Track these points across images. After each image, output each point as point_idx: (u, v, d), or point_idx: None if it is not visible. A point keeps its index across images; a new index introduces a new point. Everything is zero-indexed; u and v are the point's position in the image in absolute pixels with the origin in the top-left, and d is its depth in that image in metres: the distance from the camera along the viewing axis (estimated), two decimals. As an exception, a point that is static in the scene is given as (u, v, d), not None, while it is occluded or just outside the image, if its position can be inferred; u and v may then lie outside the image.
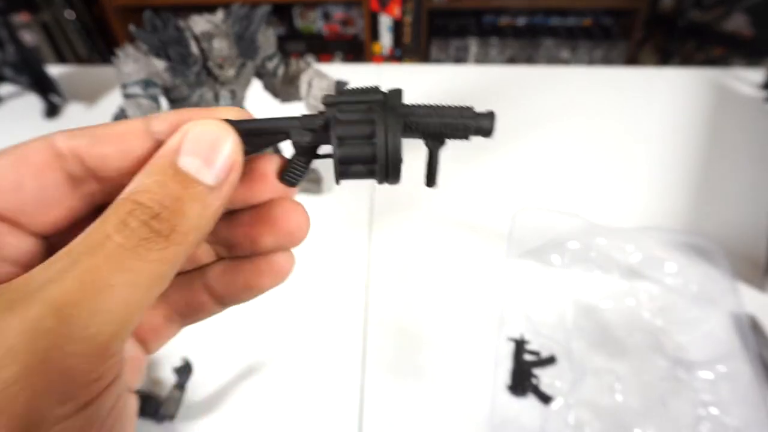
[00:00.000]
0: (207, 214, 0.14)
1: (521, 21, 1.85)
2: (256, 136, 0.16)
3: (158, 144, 0.15)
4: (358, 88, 0.16)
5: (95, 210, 0.15)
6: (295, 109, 0.53)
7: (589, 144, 0.72)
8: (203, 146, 0.14)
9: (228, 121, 0.15)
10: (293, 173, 0.16)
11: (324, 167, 0.66)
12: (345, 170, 0.16)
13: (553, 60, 1.83)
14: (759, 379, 0.44)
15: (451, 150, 0.18)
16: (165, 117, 0.15)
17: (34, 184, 0.14)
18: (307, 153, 0.16)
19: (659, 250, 0.52)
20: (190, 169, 0.14)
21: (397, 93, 0.17)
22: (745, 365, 0.44)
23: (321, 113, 0.16)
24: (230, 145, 0.14)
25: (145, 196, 0.13)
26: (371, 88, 0.17)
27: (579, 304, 0.50)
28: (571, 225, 0.52)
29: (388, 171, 0.16)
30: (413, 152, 0.23)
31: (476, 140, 0.18)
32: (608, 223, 0.53)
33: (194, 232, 0.14)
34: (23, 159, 0.14)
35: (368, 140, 0.16)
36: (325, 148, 0.16)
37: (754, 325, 0.48)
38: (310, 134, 0.16)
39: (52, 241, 0.15)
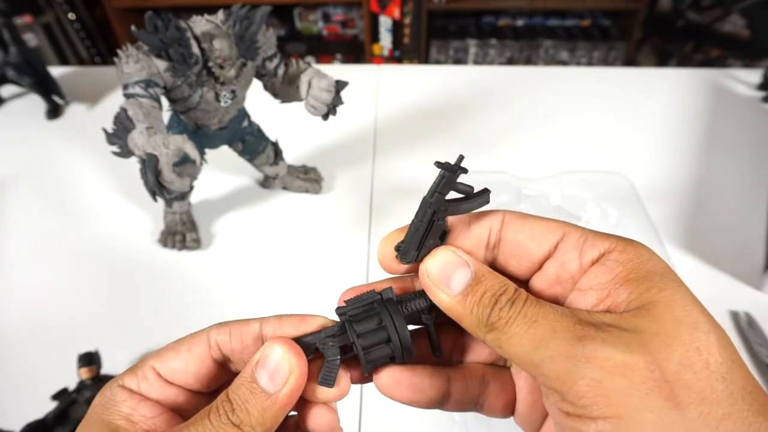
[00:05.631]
0: (267, 415, 0.19)
1: (520, 22, 1.86)
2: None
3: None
4: (357, 297, 0.21)
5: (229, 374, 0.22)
6: (295, 109, 0.54)
7: (589, 144, 0.72)
8: (270, 365, 0.19)
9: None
10: (328, 376, 0.20)
11: (324, 167, 0.66)
12: (371, 358, 0.20)
13: (552, 61, 1.83)
14: (758, 376, 0.45)
15: (454, 157, 0.20)
16: (275, 322, 0.21)
17: (194, 367, 0.21)
18: (335, 355, 0.21)
19: (578, 190, 0.58)
20: (260, 379, 0.19)
21: (389, 290, 0.21)
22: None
23: (336, 322, 0.21)
24: (286, 368, 0.19)
25: (233, 393, 0.19)
26: (368, 293, 0.21)
27: None
28: (499, 181, 0.59)
29: (402, 343, 0.20)
30: (418, 157, 0.23)
31: (476, 141, 0.19)
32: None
33: (258, 426, 0.19)
34: (190, 350, 0.21)
35: (379, 326, 0.20)
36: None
37: (752, 323, 0.48)
38: (332, 339, 0.20)
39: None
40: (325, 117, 0.50)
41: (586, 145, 0.72)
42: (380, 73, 0.89)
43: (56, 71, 0.89)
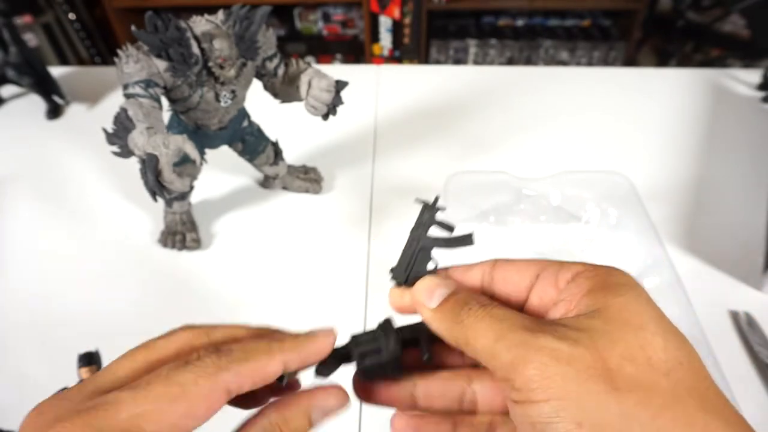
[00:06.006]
0: None
1: (520, 22, 1.86)
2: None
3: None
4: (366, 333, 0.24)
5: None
6: (295, 109, 0.54)
7: (589, 144, 0.72)
8: (328, 411, 0.23)
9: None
10: (326, 369, 0.24)
11: (324, 167, 0.66)
12: (366, 364, 0.24)
13: (552, 61, 1.84)
14: (758, 376, 0.45)
15: (454, 157, 0.20)
16: (294, 353, 0.22)
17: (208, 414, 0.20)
18: (339, 359, 0.24)
19: (578, 190, 0.59)
20: (315, 421, 0.22)
21: (388, 320, 0.24)
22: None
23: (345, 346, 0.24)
24: (340, 411, 0.24)
25: None
26: (374, 329, 0.24)
27: (520, 252, 0.54)
28: (499, 181, 0.60)
29: (390, 351, 0.23)
30: (418, 157, 0.24)
31: (476, 141, 0.19)
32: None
33: None
34: (210, 406, 0.19)
35: (374, 339, 0.24)
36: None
37: (752, 323, 0.48)
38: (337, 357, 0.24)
39: None
40: (325, 117, 0.50)
41: (586, 145, 0.72)
42: (380, 73, 0.89)
43: (56, 71, 0.89)
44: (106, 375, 0.20)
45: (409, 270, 0.24)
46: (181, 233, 0.57)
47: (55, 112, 0.81)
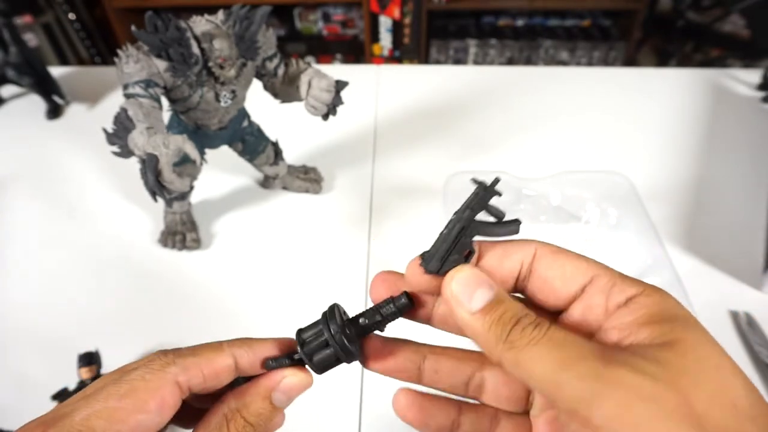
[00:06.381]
0: (280, 424, 0.23)
1: (520, 22, 1.86)
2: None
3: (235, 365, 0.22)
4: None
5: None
6: (295, 109, 0.54)
7: (589, 144, 0.72)
8: (287, 391, 0.22)
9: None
10: (274, 362, 0.23)
11: (324, 167, 0.66)
12: (318, 359, 0.22)
13: (552, 61, 1.83)
14: (758, 376, 0.45)
15: (454, 157, 0.20)
16: (247, 352, 0.22)
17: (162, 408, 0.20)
18: (287, 358, 0.23)
19: (578, 190, 0.58)
20: (277, 402, 0.22)
21: (334, 305, 0.24)
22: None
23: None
24: (302, 389, 0.23)
25: (252, 417, 0.21)
26: (318, 321, 0.23)
27: None
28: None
29: (339, 345, 0.22)
30: (418, 157, 0.24)
31: (476, 141, 0.19)
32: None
33: None
34: (162, 399, 0.20)
35: (319, 334, 0.23)
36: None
37: (752, 323, 0.48)
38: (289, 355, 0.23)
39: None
40: (325, 117, 0.50)
41: (586, 145, 0.72)
42: (380, 73, 0.89)
43: (56, 71, 0.89)
44: (78, 394, 0.20)
45: (445, 258, 0.21)
46: (181, 233, 0.57)
47: (55, 112, 0.81)
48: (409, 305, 0.22)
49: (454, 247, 0.21)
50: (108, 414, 0.18)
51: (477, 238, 0.21)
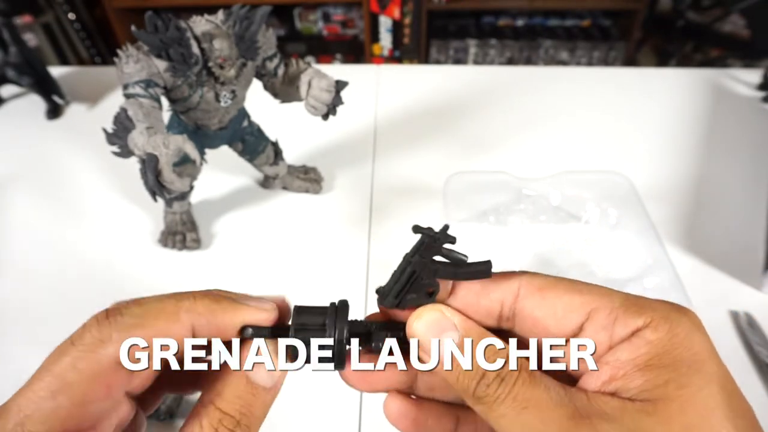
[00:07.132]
0: (267, 408, 0.19)
1: (520, 22, 1.86)
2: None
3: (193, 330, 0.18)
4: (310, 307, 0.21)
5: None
6: (295, 109, 0.53)
7: (589, 144, 0.72)
8: (260, 376, 0.19)
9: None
10: (254, 333, 0.20)
11: (324, 167, 0.66)
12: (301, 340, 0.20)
13: (552, 61, 1.83)
14: (758, 376, 0.45)
15: (454, 157, 0.20)
16: (210, 323, 0.19)
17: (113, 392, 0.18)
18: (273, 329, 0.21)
19: (578, 190, 0.59)
20: (259, 380, 0.19)
21: (344, 301, 0.21)
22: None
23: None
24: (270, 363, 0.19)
25: (228, 406, 0.18)
26: (325, 306, 0.21)
27: (520, 252, 0.54)
28: (499, 181, 0.60)
29: (341, 358, 0.20)
30: (418, 157, 0.23)
31: (476, 141, 0.19)
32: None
33: (259, 422, 0.19)
34: (99, 386, 0.17)
35: (320, 321, 0.20)
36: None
37: (752, 323, 0.48)
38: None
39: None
40: (325, 117, 0.50)
41: (586, 145, 0.72)
42: (380, 73, 0.89)
43: (56, 71, 0.89)
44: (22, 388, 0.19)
45: (401, 296, 0.20)
46: (181, 233, 0.57)
47: (55, 112, 0.81)
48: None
49: (409, 288, 0.20)
50: (43, 417, 0.16)
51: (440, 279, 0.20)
